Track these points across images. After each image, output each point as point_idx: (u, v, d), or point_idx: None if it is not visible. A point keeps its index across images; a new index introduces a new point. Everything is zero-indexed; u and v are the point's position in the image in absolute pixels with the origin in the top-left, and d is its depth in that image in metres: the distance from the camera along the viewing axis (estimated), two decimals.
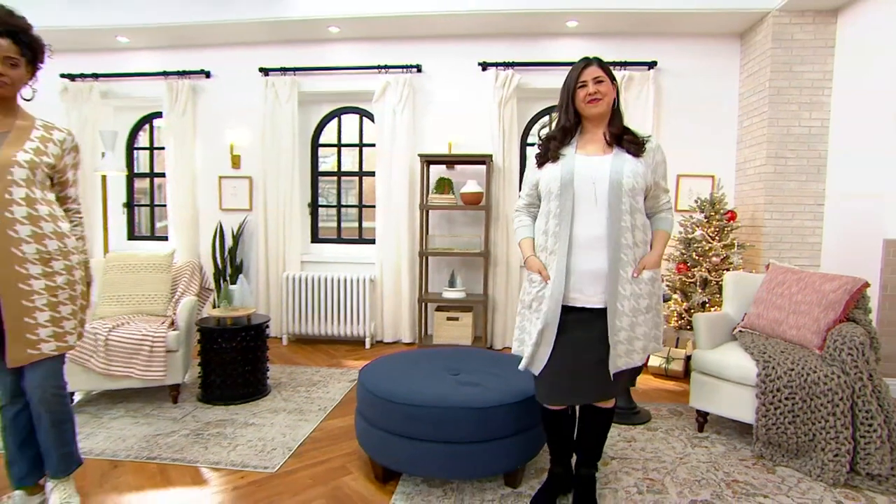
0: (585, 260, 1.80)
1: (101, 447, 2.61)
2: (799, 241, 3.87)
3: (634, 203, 1.79)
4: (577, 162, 1.83)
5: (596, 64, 1.86)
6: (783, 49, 3.84)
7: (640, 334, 1.83)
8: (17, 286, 1.79)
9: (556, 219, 1.84)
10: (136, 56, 4.92)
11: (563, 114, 1.91)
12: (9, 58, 1.78)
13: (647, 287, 1.83)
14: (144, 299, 3.42)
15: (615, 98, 1.89)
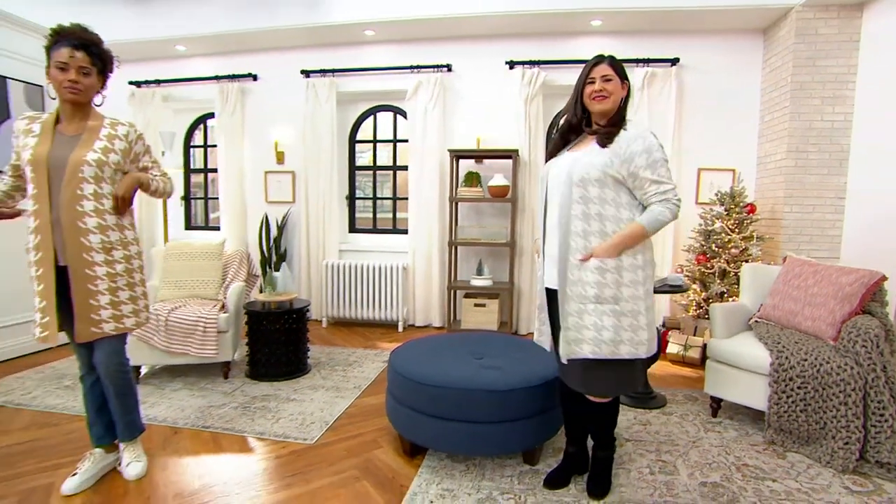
0: (549, 245, 1.89)
1: (163, 415, 2.76)
2: (819, 234, 3.71)
3: (585, 192, 1.75)
4: (555, 160, 1.89)
5: (607, 62, 1.81)
6: (806, 44, 3.66)
7: (588, 324, 1.75)
8: (84, 271, 1.91)
9: (539, 211, 1.95)
10: (192, 62, 5.07)
11: (572, 109, 1.89)
12: (82, 67, 1.88)
13: (593, 276, 1.74)
14: (199, 284, 3.57)
15: (625, 97, 1.83)
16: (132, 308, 2.05)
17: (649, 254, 1.84)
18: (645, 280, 1.81)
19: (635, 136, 1.76)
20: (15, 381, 3.24)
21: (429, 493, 2.03)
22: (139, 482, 2.10)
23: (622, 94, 1.82)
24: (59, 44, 1.85)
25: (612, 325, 1.74)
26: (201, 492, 2.03)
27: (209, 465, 2.25)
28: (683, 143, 4.19)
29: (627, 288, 1.76)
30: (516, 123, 4.36)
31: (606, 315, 1.74)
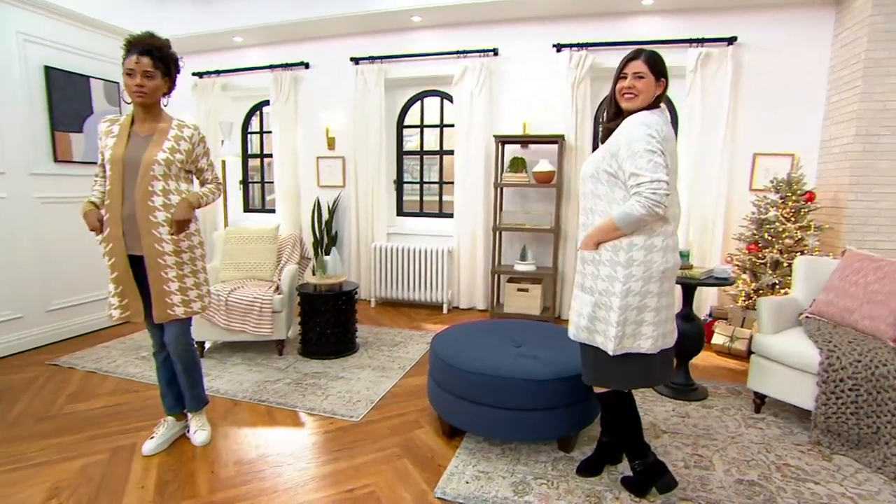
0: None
1: (224, 388, 2.99)
2: (888, 225, 3.44)
3: (594, 188, 1.80)
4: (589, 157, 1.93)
5: (642, 59, 1.72)
6: (884, 16, 3.34)
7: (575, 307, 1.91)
8: (157, 260, 2.09)
9: None
10: (248, 53, 5.26)
11: (609, 103, 1.86)
12: (146, 72, 2.02)
13: (579, 265, 1.90)
14: (255, 266, 3.78)
15: (659, 95, 1.75)
16: (197, 293, 2.23)
17: (638, 254, 1.71)
18: (626, 279, 1.71)
19: (623, 127, 1.71)
20: (102, 350, 3.59)
21: (465, 473, 2.12)
22: (204, 448, 2.31)
23: (654, 92, 1.73)
24: (129, 52, 2.00)
25: (588, 314, 1.82)
26: (258, 461, 2.22)
27: (264, 437, 2.43)
28: (738, 127, 3.97)
29: (602, 282, 1.77)
30: (563, 108, 4.27)
31: (585, 304, 1.84)
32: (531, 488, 2.02)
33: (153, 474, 2.10)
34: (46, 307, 3.70)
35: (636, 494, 1.96)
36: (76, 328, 3.91)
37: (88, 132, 3.86)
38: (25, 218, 3.53)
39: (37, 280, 3.62)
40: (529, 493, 1.99)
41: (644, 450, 1.94)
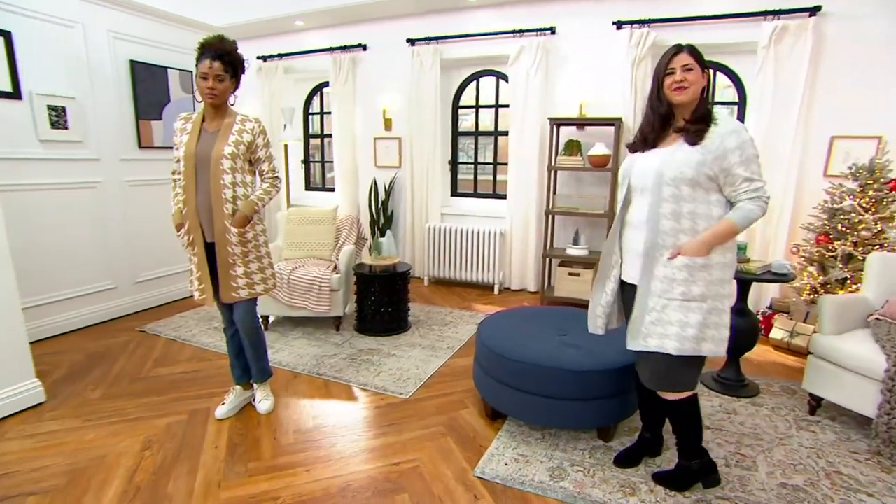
0: (629, 238, 1.88)
1: (286, 360, 3.25)
2: None
3: (678, 191, 1.71)
4: (638, 157, 1.86)
5: (686, 51, 1.73)
6: None
7: (673, 320, 1.74)
8: (225, 247, 2.30)
9: (620, 203, 1.92)
10: (309, 36, 5.42)
11: (654, 101, 1.82)
12: (218, 75, 2.19)
13: (681, 274, 1.72)
14: (315, 246, 4.01)
15: (705, 87, 1.76)
16: (261, 277, 2.44)
17: (732, 255, 1.80)
18: (731, 279, 1.80)
19: (729, 131, 1.68)
20: (181, 320, 3.98)
21: (504, 455, 2.23)
22: (268, 416, 2.56)
23: (702, 83, 1.74)
24: (202, 56, 2.16)
25: (698, 322, 1.72)
26: (314, 431, 2.43)
27: (321, 408, 2.65)
28: (815, 107, 3.67)
29: (715, 286, 1.74)
30: (622, 88, 4.12)
31: (693, 312, 1.73)
32: (567, 474, 2.09)
33: (224, 437, 2.36)
34: (135, 279, 4.13)
35: (678, 489, 1.99)
36: (160, 298, 4.34)
37: (166, 119, 4.19)
38: (116, 199, 3.93)
39: (126, 255, 4.04)
40: (565, 478, 2.07)
41: (703, 448, 1.99)
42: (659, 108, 1.81)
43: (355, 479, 2.06)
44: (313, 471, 2.11)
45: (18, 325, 2.56)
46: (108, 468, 2.12)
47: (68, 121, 3.52)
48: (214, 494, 1.96)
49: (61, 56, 3.48)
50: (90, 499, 1.93)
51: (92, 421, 2.49)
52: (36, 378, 2.65)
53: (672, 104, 1.78)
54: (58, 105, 3.45)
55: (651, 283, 1.78)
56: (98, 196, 3.80)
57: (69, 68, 3.54)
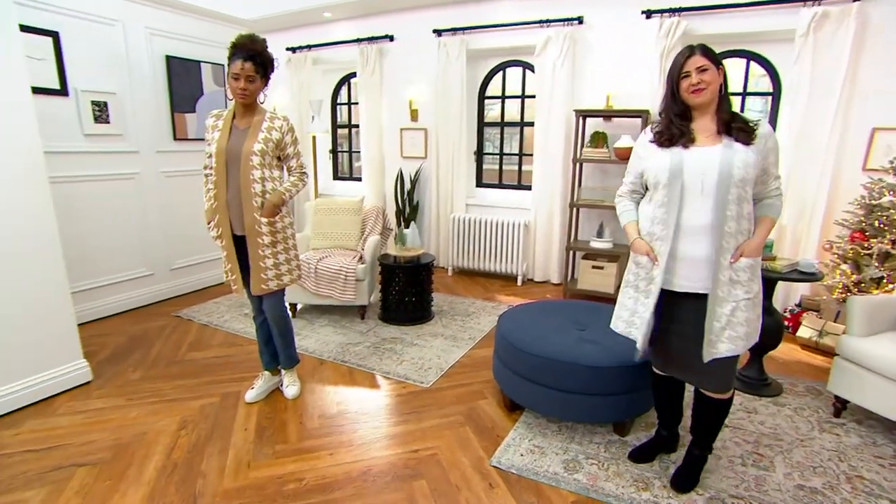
0: (690, 247, 1.77)
1: (312, 347, 3.38)
2: None
3: (743, 193, 1.70)
4: (686, 154, 1.75)
5: (699, 52, 1.73)
6: None
7: (742, 320, 1.75)
8: (255, 240, 2.41)
9: (663, 207, 1.80)
10: (336, 27, 5.49)
11: (670, 103, 1.82)
12: (249, 76, 2.27)
13: (745, 275, 1.74)
14: (342, 236, 4.12)
15: (722, 84, 1.76)
16: (288, 268, 2.55)
17: None
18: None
19: (768, 132, 1.75)
20: (213, 306, 4.17)
21: (521, 446, 2.29)
22: (295, 401, 2.69)
23: (719, 81, 1.75)
24: (234, 56, 2.25)
25: (753, 318, 1.79)
26: (338, 416, 2.55)
27: (345, 395, 2.77)
28: (855, 97, 3.53)
29: (756, 284, 1.80)
30: (650, 80, 4.05)
31: (752, 309, 1.78)
32: (581, 467, 2.15)
33: (253, 420, 2.50)
34: (171, 266, 4.34)
35: (690, 487, 2.00)
36: (194, 284, 4.54)
37: (199, 112, 4.35)
38: (153, 190, 4.11)
39: (163, 243, 4.24)
40: (579, 471, 2.12)
41: None
42: (675, 110, 1.80)
43: (375, 465, 2.16)
44: (336, 455, 2.23)
45: (68, 309, 2.75)
46: (149, 445, 2.28)
47: (110, 115, 3.71)
48: (244, 473, 2.09)
49: (103, 53, 3.66)
50: (133, 472, 2.09)
51: (134, 400, 2.67)
52: (83, 359, 2.85)
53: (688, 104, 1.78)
54: (100, 101, 3.64)
55: (719, 288, 1.75)
56: (136, 187, 3.99)
57: (110, 65, 3.71)
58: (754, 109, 4.37)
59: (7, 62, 2.39)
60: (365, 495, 1.97)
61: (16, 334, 2.54)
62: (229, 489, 1.99)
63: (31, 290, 2.57)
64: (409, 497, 1.96)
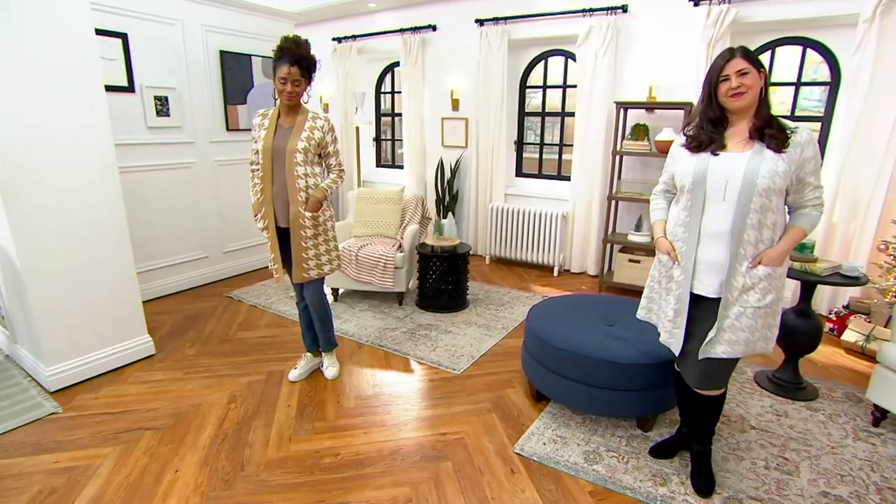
0: (707, 251, 1.80)
1: (352, 331, 3.59)
2: None
3: (767, 202, 1.69)
4: (712, 161, 1.76)
5: (740, 55, 1.69)
6: None
7: (745, 326, 1.77)
8: (298, 232, 2.59)
9: (686, 210, 1.84)
10: (380, 17, 5.61)
11: (706, 107, 1.80)
12: (295, 80, 2.43)
13: (761, 283, 1.74)
14: (382, 225, 4.29)
15: (762, 88, 1.71)
16: (328, 258, 2.73)
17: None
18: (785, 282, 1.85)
19: (806, 140, 1.69)
20: (261, 288, 4.45)
21: (544, 435, 2.40)
22: (333, 382, 2.89)
23: (760, 85, 1.70)
24: (281, 60, 2.40)
25: (761, 325, 1.79)
26: (373, 398, 2.73)
27: (380, 378, 2.95)
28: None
29: (780, 291, 1.80)
30: (695, 70, 3.95)
31: (761, 318, 1.78)
32: (601, 458, 2.23)
33: (296, 397, 2.72)
34: (223, 249, 4.65)
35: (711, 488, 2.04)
36: (244, 266, 4.85)
37: (250, 103, 4.59)
38: (207, 178, 4.41)
39: (216, 227, 4.55)
40: (599, 462, 2.21)
41: None
42: (710, 114, 1.79)
43: (405, 445, 2.32)
44: (370, 433, 2.41)
45: (134, 288, 3.05)
46: (203, 415, 2.54)
47: (170, 109, 3.99)
48: (286, 446, 2.31)
49: (165, 51, 3.93)
50: (191, 438, 2.35)
51: (190, 374, 2.95)
52: (147, 334, 3.16)
53: (725, 109, 1.77)
54: (162, 95, 3.92)
55: (730, 293, 1.78)
56: (192, 175, 4.29)
57: (170, 62, 3.98)
58: (811, 99, 4.19)
59: (86, 65, 2.64)
60: (394, 473, 2.14)
61: (94, 311, 2.85)
62: (272, 459, 2.21)
63: (105, 271, 2.87)
64: (435, 477, 2.12)
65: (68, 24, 2.55)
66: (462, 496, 2.01)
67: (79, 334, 2.81)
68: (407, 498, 1.99)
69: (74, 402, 2.65)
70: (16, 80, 2.41)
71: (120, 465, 2.17)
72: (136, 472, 2.12)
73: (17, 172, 2.47)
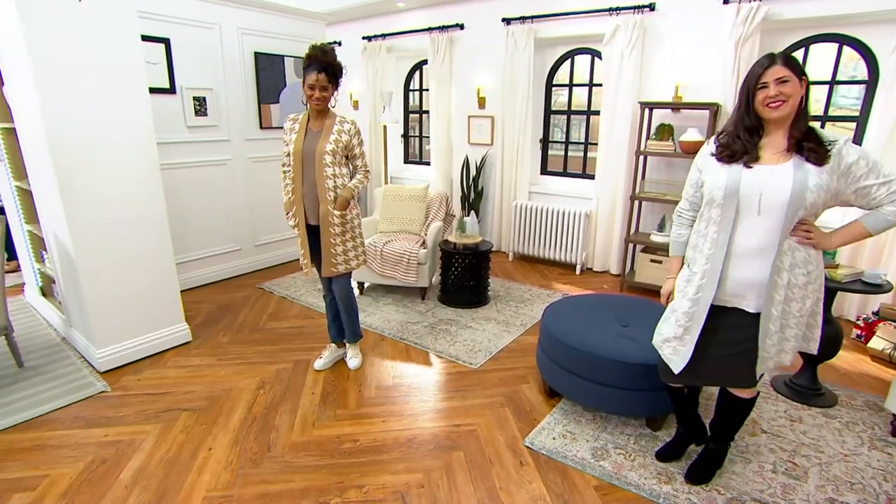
0: (744, 268, 1.74)
1: (375, 323, 3.75)
2: None
3: (805, 214, 1.66)
4: (745, 173, 1.69)
5: (781, 62, 1.61)
6: None
7: (790, 336, 1.78)
8: (327, 229, 2.75)
9: (715, 226, 1.76)
10: (409, 16, 5.72)
11: (742, 115, 1.73)
12: (323, 86, 2.58)
13: (800, 292, 1.73)
14: (407, 221, 4.43)
15: (803, 97, 1.65)
16: (354, 254, 2.88)
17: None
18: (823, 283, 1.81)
19: (843, 144, 1.64)
20: (291, 280, 4.67)
21: (554, 430, 2.50)
22: (356, 372, 3.06)
23: (800, 94, 1.64)
24: (309, 67, 2.55)
25: (805, 327, 1.81)
26: (392, 388, 2.88)
27: (400, 369, 3.09)
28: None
29: (817, 293, 1.78)
30: (722, 70, 3.91)
31: (804, 323, 1.79)
32: (609, 455, 2.32)
33: (320, 385, 2.90)
34: (255, 242, 4.88)
35: (704, 480, 2.12)
36: (275, 259, 5.09)
37: (283, 102, 4.80)
38: (242, 174, 4.64)
39: (249, 221, 4.78)
40: (606, 459, 2.29)
41: None
42: (746, 123, 1.72)
43: (420, 434, 2.46)
44: (388, 422, 2.56)
45: (173, 279, 3.28)
46: (234, 399, 2.74)
47: (207, 109, 4.23)
48: (309, 431, 2.48)
49: (203, 54, 4.16)
50: (223, 419, 2.55)
51: (223, 361, 3.16)
52: (184, 322, 3.39)
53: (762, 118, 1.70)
54: (200, 96, 4.16)
55: (773, 307, 1.74)
56: (228, 171, 4.52)
57: (208, 63, 4.21)
58: (849, 97, 4.09)
59: (133, 70, 2.86)
60: (409, 460, 2.28)
61: (138, 299, 3.10)
62: (296, 443, 2.39)
63: (148, 263, 3.10)
64: (447, 465, 2.25)
65: (117, 32, 2.76)
66: (471, 484, 2.13)
67: (125, 320, 3.05)
68: (419, 483, 2.13)
69: (121, 382, 2.89)
70: (70, 86, 2.64)
71: (160, 441, 2.38)
72: (174, 449, 2.33)
73: (72, 171, 2.71)
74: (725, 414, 2.08)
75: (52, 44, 2.55)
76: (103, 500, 2.02)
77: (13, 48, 2.62)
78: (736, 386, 1.94)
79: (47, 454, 2.28)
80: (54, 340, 3.39)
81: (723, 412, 2.09)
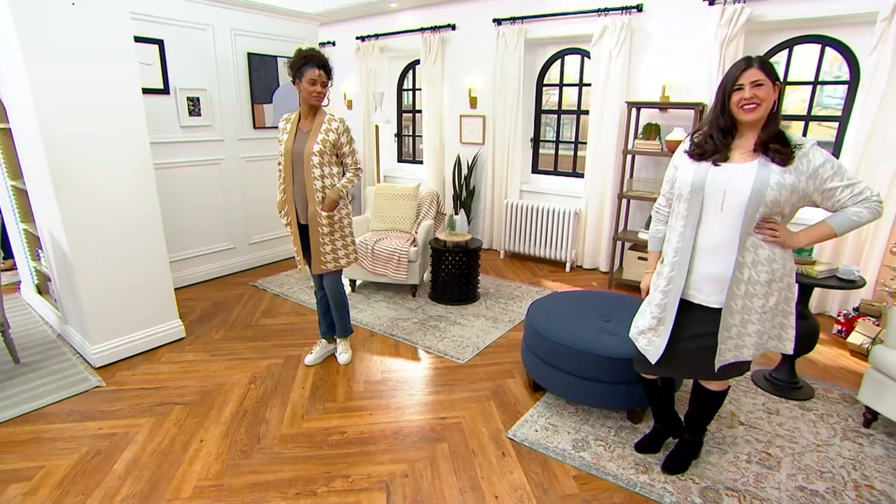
0: (706, 263, 1.82)
1: (366, 320, 3.81)
2: None
3: (767, 213, 1.72)
4: (712, 170, 1.77)
5: (757, 65, 1.68)
6: None
7: (751, 331, 1.83)
8: (316, 228, 2.81)
9: (682, 220, 1.85)
10: (401, 16, 5.78)
11: (717, 116, 1.80)
12: (323, 81, 2.65)
13: (762, 289, 1.78)
14: (398, 220, 4.49)
15: (775, 101, 1.72)
16: (344, 252, 2.94)
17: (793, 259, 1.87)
18: (795, 282, 1.88)
19: (809, 148, 1.71)
20: (284, 278, 4.73)
21: (537, 423, 2.57)
22: (345, 367, 3.12)
23: (773, 98, 1.71)
24: (308, 65, 2.61)
25: (770, 327, 1.86)
26: (381, 383, 2.95)
27: (389, 364, 3.16)
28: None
29: (784, 292, 1.83)
30: (708, 70, 3.98)
31: (768, 320, 1.83)
32: (589, 446, 2.39)
33: (310, 380, 2.96)
34: (249, 240, 4.94)
35: (679, 471, 2.20)
36: (268, 257, 5.15)
37: (276, 102, 4.85)
38: (235, 173, 4.70)
39: (242, 220, 4.84)
40: (586, 450, 2.36)
41: None
42: (721, 123, 1.78)
43: (406, 426, 2.53)
44: (375, 415, 2.63)
45: (167, 276, 3.34)
46: (226, 393, 2.80)
47: (201, 109, 4.28)
48: (298, 423, 2.55)
49: (197, 55, 4.21)
50: (215, 413, 2.62)
51: (216, 356, 3.23)
52: (178, 319, 3.45)
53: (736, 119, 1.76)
54: (194, 96, 4.21)
55: (733, 301, 1.81)
56: (221, 171, 4.58)
57: (201, 64, 4.26)
58: (834, 97, 4.17)
59: (125, 70, 2.91)
60: (394, 451, 2.35)
61: (132, 296, 3.15)
62: (286, 435, 2.45)
63: (142, 261, 3.16)
64: (431, 456, 2.32)
65: (110, 34, 2.82)
66: (454, 474, 2.20)
67: (119, 317, 3.11)
68: (404, 473, 2.20)
69: (115, 377, 2.96)
70: (64, 87, 2.69)
71: (153, 433, 2.45)
72: (167, 441, 2.40)
73: (66, 170, 2.77)
74: (698, 405, 2.16)
75: (46, 45, 2.60)
76: (97, 489, 2.09)
77: (7, 49, 2.68)
78: (703, 378, 2.03)
79: (43, 446, 2.35)
80: (50, 337, 3.45)
81: (696, 404, 2.17)
